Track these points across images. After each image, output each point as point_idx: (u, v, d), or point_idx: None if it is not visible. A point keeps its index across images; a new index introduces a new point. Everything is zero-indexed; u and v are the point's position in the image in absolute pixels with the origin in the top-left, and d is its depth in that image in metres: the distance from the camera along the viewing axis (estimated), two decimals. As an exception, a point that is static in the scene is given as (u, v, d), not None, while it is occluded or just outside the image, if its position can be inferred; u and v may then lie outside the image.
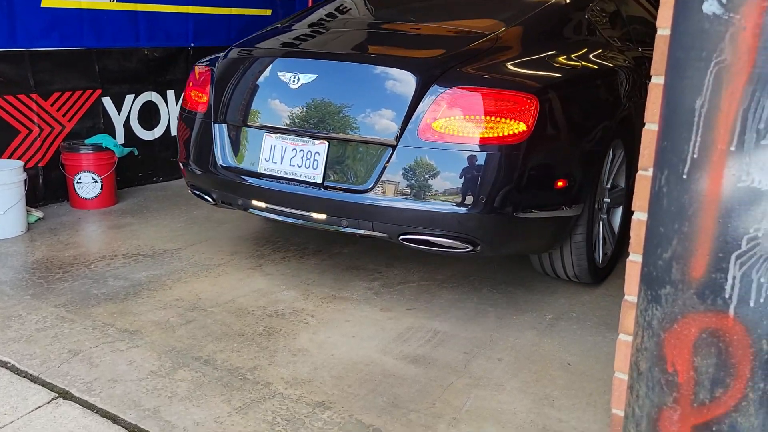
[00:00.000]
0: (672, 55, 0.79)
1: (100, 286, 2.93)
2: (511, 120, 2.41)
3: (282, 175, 2.75)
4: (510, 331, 2.62)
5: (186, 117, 3.12)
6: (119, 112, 4.48)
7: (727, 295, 0.79)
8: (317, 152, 2.67)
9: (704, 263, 0.79)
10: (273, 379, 2.23)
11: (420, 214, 2.49)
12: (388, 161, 2.52)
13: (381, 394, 2.16)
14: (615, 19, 3.51)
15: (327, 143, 2.65)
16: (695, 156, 0.76)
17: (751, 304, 0.79)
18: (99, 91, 4.34)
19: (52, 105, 4.09)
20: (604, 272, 3.09)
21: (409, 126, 2.49)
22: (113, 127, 4.46)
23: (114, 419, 2.00)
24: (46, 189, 4.13)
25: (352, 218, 2.61)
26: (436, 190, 2.46)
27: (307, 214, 2.70)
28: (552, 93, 2.56)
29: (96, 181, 4.07)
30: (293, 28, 3.24)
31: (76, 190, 4.07)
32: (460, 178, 2.44)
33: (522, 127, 2.41)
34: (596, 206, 2.90)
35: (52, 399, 2.09)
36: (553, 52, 2.84)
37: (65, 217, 3.93)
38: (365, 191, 2.56)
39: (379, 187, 2.53)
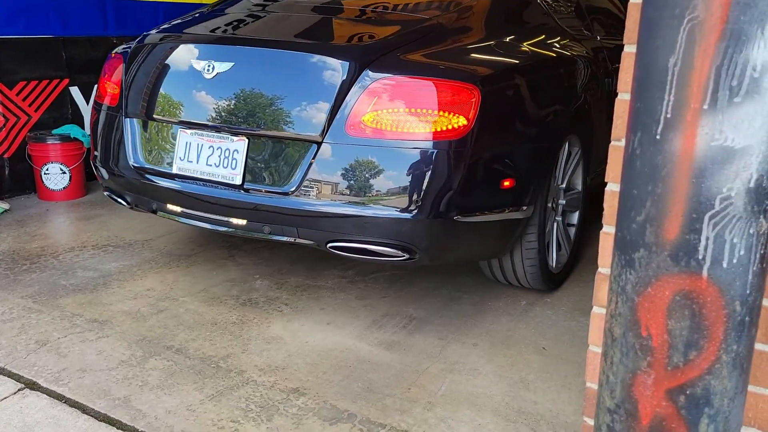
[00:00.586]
0: (645, 15, 0.78)
1: (68, 277, 2.86)
2: (448, 113, 2.15)
3: (198, 176, 2.44)
4: (485, 317, 2.62)
5: (98, 111, 2.80)
6: (88, 102, 4.39)
7: (700, 257, 0.79)
8: (236, 150, 2.36)
9: (678, 224, 0.78)
10: (246, 367, 2.20)
11: (348, 219, 2.22)
12: (312, 160, 2.24)
13: (356, 380, 2.14)
14: (573, 6, 3.34)
15: (246, 140, 2.34)
16: (668, 116, 0.76)
17: (724, 265, 0.79)
18: (66, 81, 4.24)
19: (17, 95, 3.99)
20: (559, 278, 2.90)
21: (336, 120, 2.21)
22: (82, 117, 4.36)
23: (83, 409, 1.95)
24: (13, 181, 4.02)
25: (275, 224, 2.33)
26: (365, 192, 2.20)
27: (226, 219, 2.41)
28: (497, 83, 2.34)
29: (64, 173, 3.98)
30: (226, 12, 2.90)
31: (43, 182, 3.98)
32: (392, 178, 2.18)
33: (461, 121, 2.16)
34: (550, 207, 2.72)
35: (19, 390, 2.04)
36: (501, 39, 2.61)
37: (32, 209, 3.84)
38: (288, 194, 2.27)
39: (303, 189, 2.25)
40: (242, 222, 2.39)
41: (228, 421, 1.92)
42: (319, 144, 2.23)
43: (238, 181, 2.35)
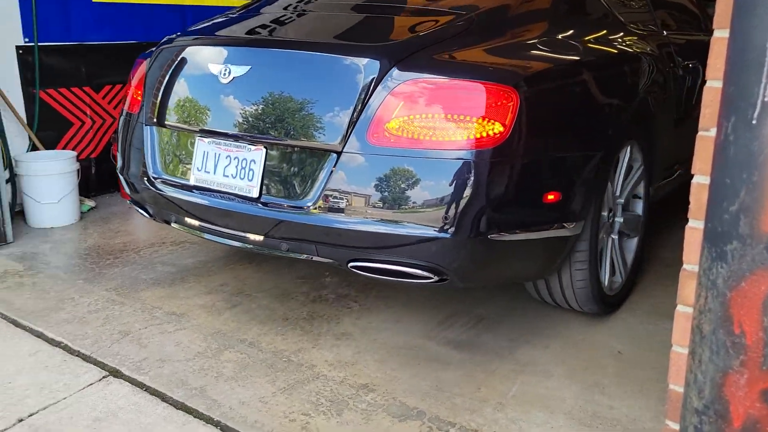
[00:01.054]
0: (740, -4, 0.75)
1: (148, 272, 2.98)
2: (482, 119, 1.92)
3: (215, 187, 2.27)
4: (555, 319, 2.56)
5: (123, 119, 2.67)
6: (167, 105, 4.56)
7: (800, 249, 0.74)
8: (253, 160, 2.18)
9: (775, 215, 0.74)
10: (317, 362, 2.23)
11: (370, 236, 2.00)
12: (331, 172, 2.03)
13: (424, 378, 2.13)
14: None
15: (264, 150, 2.16)
16: (766, 99, 0.72)
17: (827, 258, 0.74)
18: (148, 85, 4.43)
19: (103, 98, 4.19)
20: (615, 300, 2.60)
21: (357, 127, 2.00)
22: (161, 120, 4.54)
23: (162, 397, 2.03)
24: (98, 180, 4.23)
25: (293, 241, 2.14)
26: (388, 208, 1.97)
27: (243, 234, 2.23)
28: (539, 84, 2.08)
29: (145, 172, 4.15)
30: (258, 12, 2.70)
31: (125, 181, 4.16)
32: (419, 192, 1.95)
33: (497, 127, 1.92)
34: (607, 221, 2.46)
35: (103, 377, 2.13)
36: (546, 36, 2.34)
37: (116, 207, 4.02)
38: (305, 208, 2.07)
39: (321, 203, 2.04)
40: (259, 238, 2.20)
41: (299, 413, 1.95)
42: (338, 154, 2.03)
43: (254, 193, 2.17)
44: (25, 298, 2.70)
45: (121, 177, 2.65)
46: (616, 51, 2.56)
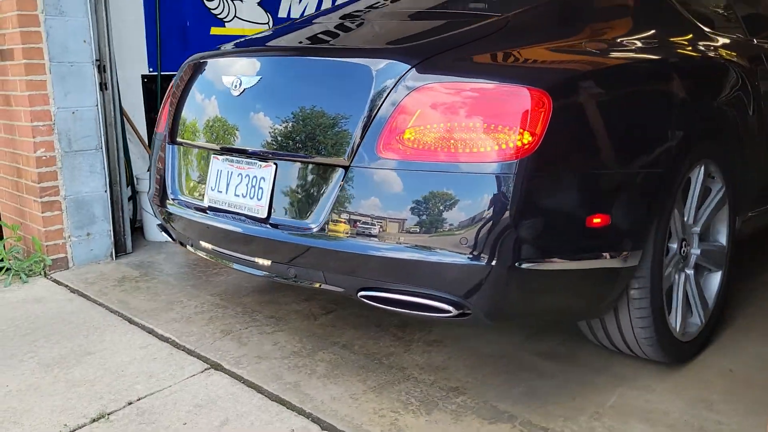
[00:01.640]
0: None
1: (250, 281, 3.12)
2: (506, 127, 1.67)
3: (227, 207, 2.14)
4: (660, 336, 2.43)
5: (155, 139, 2.61)
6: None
7: None
8: (263, 178, 2.03)
9: None
10: (408, 365, 2.24)
11: (382, 263, 1.77)
12: (339, 189, 1.83)
13: (516, 385, 2.09)
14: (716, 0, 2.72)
15: (274, 166, 2.00)
16: None
17: None
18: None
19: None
20: (691, 348, 2.23)
21: (367, 139, 1.79)
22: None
23: (258, 389, 2.10)
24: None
25: (300, 266, 1.95)
26: (401, 230, 1.74)
27: (252, 259, 2.08)
28: (579, 89, 1.81)
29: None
30: (302, 25, 2.57)
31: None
32: (433, 211, 1.71)
33: (525, 137, 1.66)
34: (677, 254, 2.12)
35: (205, 369, 2.25)
36: (591, 39, 2.04)
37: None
38: (312, 230, 1.88)
39: (328, 225, 1.85)
40: (267, 263, 2.04)
41: (389, 411, 1.96)
42: (346, 169, 1.83)
43: (263, 213, 2.02)
44: (139, 299, 2.91)
45: (149, 198, 2.56)
46: (682, 55, 2.25)
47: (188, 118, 2.34)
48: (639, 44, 2.15)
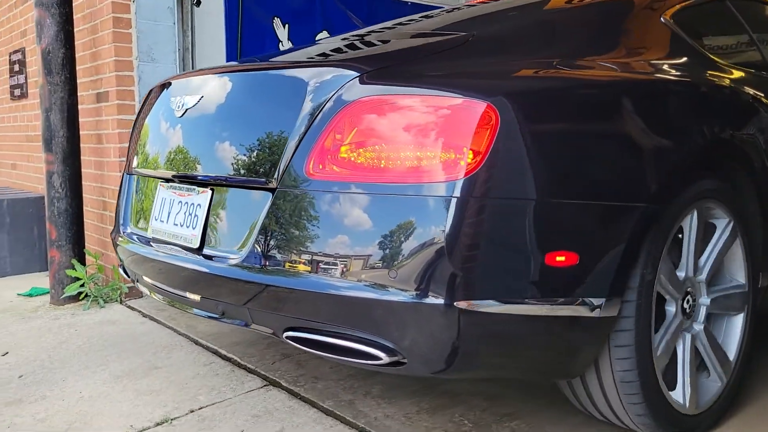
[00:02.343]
0: None
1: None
2: (444, 144, 1.47)
3: (166, 238, 1.99)
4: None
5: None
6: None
7: None
8: (199, 205, 1.87)
9: None
10: (461, 391, 2.24)
11: (305, 299, 1.57)
12: (265, 214, 1.65)
13: (575, 415, 2.05)
14: (721, 16, 2.41)
15: (210, 192, 1.85)
16: None
17: None
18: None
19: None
20: (702, 422, 1.89)
21: (296, 159, 1.61)
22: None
23: (314, 405, 2.15)
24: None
25: (228, 302, 1.76)
26: (325, 261, 1.54)
27: (184, 294, 1.90)
28: (541, 106, 1.58)
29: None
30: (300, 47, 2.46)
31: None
32: (361, 239, 1.51)
33: (466, 156, 1.45)
34: (678, 311, 1.82)
35: (264, 385, 2.32)
36: (571, 56, 1.79)
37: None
38: (237, 261, 1.70)
39: (252, 255, 1.66)
40: (197, 298, 1.86)
41: (440, 430, 1.96)
42: (273, 192, 1.65)
43: (196, 244, 1.85)
44: (205, 324, 3.03)
45: (111, 236, 2.41)
46: (674, 80, 1.91)
47: (141, 145, 2.20)
48: (620, 65, 1.84)
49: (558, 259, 1.53)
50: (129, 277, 2.29)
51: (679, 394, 1.82)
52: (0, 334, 2.97)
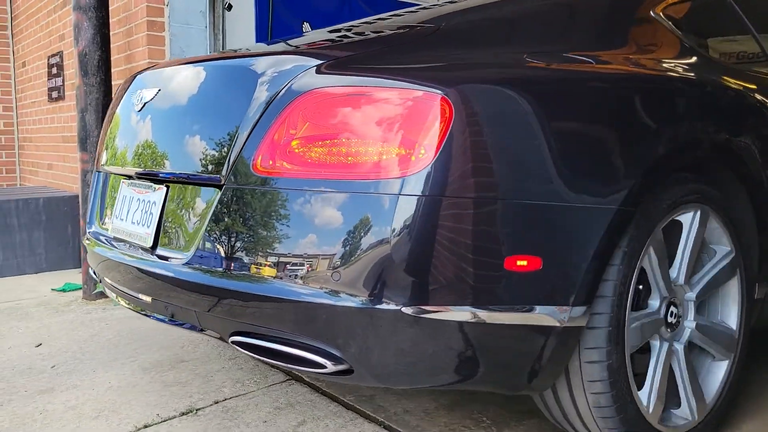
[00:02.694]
0: None
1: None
2: (393, 137, 1.39)
3: (124, 237, 1.92)
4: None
5: None
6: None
7: None
8: (154, 202, 1.82)
9: None
10: (480, 395, 2.25)
11: (250, 303, 1.49)
12: (212, 212, 1.58)
13: (593, 414, 2.05)
14: (725, 20, 2.22)
15: (165, 188, 1.79)
16: None
17: None
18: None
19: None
20: None
21: (244, 153, 1.53)
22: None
23: (335, 399, 2.18)
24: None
25: (175, 305, 1.69)
26: (269, 262, 1.46)
27: (138, 296, 1.81)
28: (503, 100, 1.45)
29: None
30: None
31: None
32: (307, 239, 1.42)
33: (416, 150, 1.37)
34: (663, 316, 1.71)
35: (287, 380, 2.36)
36: (545, 49, 1.68)
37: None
38: (183, 261, 1.63)
39: (199, 255, 1.59)
40: (148, 299, 1.78)
41: (459, 426, 1.98)
42: (220, 188, 1.58)
43: (149, 242, 1.79)
44: (231, 321, 3.09)
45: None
46: (655, 79, 1.74)
47: (108, 141, 2.11)
48: (595, 59, 1.71)
49: (519, 263, 1.43)
50: (97, 277, 2.14)
51: (645, 397, 1.69)
52: (35, 327, 3.08)
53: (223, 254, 1.55)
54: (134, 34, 3.68)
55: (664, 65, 1.83)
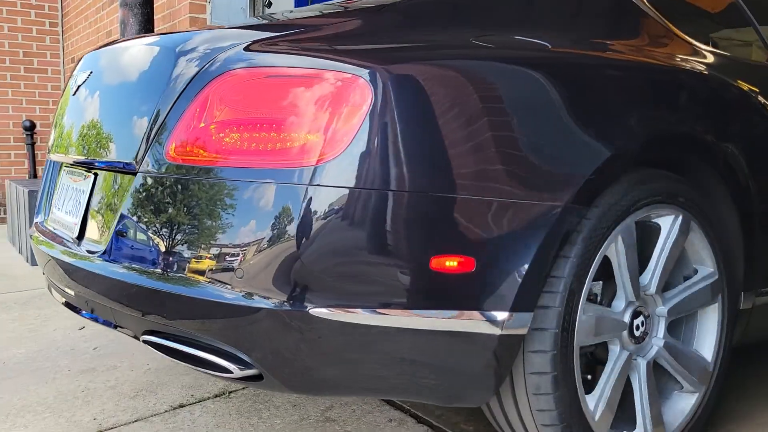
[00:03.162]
0: None
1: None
2: (304, 122, 1.28)
3: (58, 227, 1.83)
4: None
5: None
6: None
7: None
8: (83, 191, 1.71)
9: None
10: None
11: (156, 300, 1.38)
12: (127, 201, 1.47)
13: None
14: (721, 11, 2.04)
15: (93, 176, 1.68)
16: None
17: None
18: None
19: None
20: None
21: (159, 139, 1.43)
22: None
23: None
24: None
25: (92, 300, 1.58)
26: (174, 257, 1.35)
27: (64, 288, 1.70)
28: (434, 80, 1.32)
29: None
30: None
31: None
32: (213, 233, 1.31)
33: (328, 138, 1.27)
34: (619, 319, 1.55)
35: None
36: (494, 31, 1.53)
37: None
38: (97, 254, 1.53)
39: (112, 248, 1.48)
40: (72, 293, 1.66)
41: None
42: (135, 176, 1.47)
43: (75, 233, 1.68)
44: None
45: None
46: (610, 63, 1.58)
47: (55, 126, 1.97)
48: (550, 41, 1.56)
49: (448, 264, 1.30)
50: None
51: (592, 402, 1.53)
52: (79, 310, 3.21)
53: (131, 248, 1.44)
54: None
55: (628, 49, 1.67)
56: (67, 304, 1.75)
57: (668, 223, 1.61)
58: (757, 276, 1.80)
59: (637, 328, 1.57)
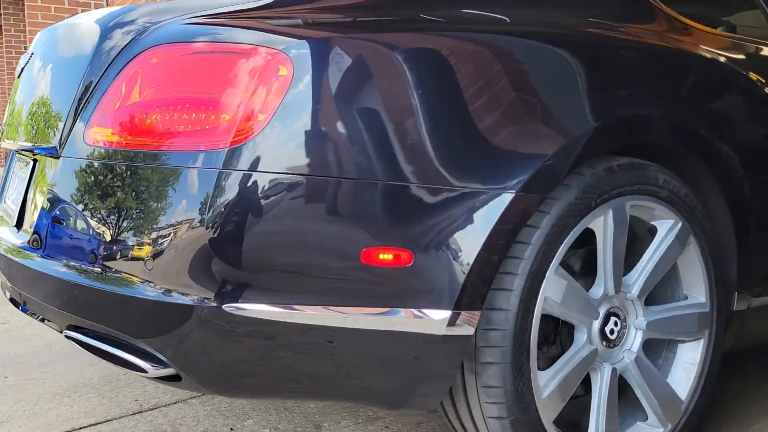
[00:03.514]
0: None
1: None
2: (219, 101, 1.19)
3: (3, 216, 1.74)
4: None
5: None
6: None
7: None
8: (24, 178, 1.62)
9: None
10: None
11: (70, 293, 1.32)
12: (49, 188, 1.42)
13: None
14: None
15: (32, 163, 1.59)
16: None
17: None
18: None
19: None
20: None
21: (79, 121, 1.35)
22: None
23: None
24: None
25: (25, 291, 1.49)
26: (87, 246, 1.28)
27: (10, 285, 1.59)
28: (365, 55, 1.22)
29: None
30: None
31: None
32: (126, 223, 1.24)
33: (243, 118, 1.18)
34: (600, 340, 1.43)
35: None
36: (450, 6, 1.40)
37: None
38: (20, 243, 1.48)
39: (33, 236, 1.42)
40: (9, 286, 1.58)
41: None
42: (57, 161, 1.41)
43: (14, 222, 1.60)
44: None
45: None
46: (571, 39, 1.44)
47: (7, 112, 1.85)
48: (508, 14, 1.43)
49: (382, 257, 1.19)
50: None
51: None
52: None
53: (49, 236, 1.38)
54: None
55: (597, 24, 1.53)
56: (12, 300, 1.64)
57: (666, 228, 1.49)
58: (753, 273, 1.66)
59: (612, 332, 1.44)
